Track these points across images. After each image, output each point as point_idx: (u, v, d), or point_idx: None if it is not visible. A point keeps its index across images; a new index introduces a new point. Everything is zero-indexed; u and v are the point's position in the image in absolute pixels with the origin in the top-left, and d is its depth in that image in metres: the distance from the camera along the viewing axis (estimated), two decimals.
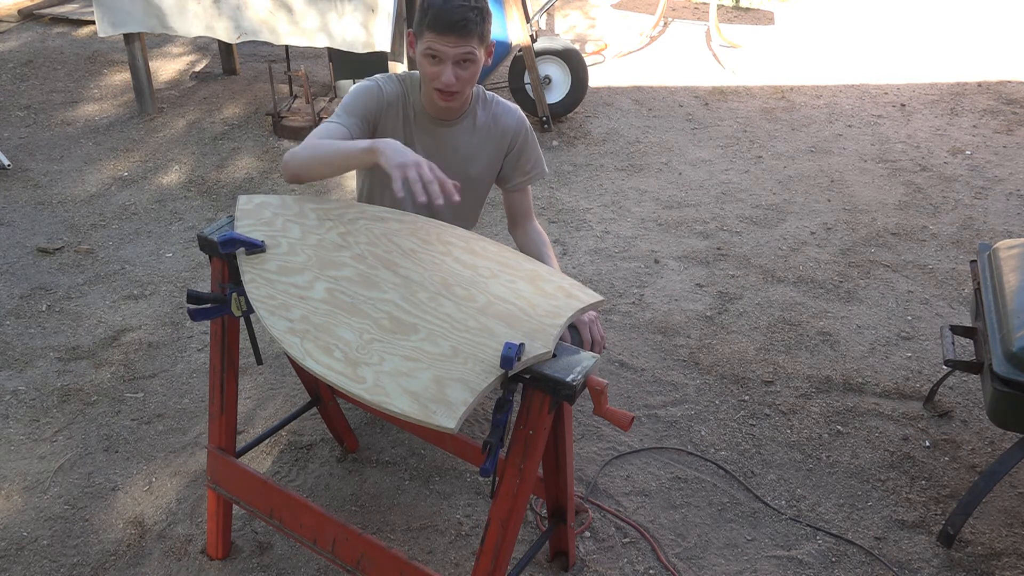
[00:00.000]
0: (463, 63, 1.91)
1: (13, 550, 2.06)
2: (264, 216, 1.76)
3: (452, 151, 2.11)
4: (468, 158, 2.14)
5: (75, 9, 6.33)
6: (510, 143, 2.16)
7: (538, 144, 2.24)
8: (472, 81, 1.97)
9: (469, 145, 2.12)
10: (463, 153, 2.13)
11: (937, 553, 2.09)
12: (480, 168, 2.17)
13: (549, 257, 2.20)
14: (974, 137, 4.58)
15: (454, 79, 1.91)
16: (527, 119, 2.20)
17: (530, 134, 2.19)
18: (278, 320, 1.51)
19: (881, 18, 6.70)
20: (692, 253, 3.44)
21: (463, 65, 1.92)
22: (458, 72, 1.92)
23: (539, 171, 2.24)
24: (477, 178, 2.18)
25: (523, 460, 1.49)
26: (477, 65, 1.94)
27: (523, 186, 2.24)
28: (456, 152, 2.12)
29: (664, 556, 2.07)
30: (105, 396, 2.59)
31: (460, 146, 2.12)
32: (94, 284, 3.18)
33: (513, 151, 2.18)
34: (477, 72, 1.96)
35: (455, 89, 1.94)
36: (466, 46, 1.88)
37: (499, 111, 2.15)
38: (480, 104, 2.13)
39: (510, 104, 2.18)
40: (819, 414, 2.56)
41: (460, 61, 1.91)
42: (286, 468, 2.32)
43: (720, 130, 4.68)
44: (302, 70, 4.36)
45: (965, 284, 3.23)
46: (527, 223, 2.28)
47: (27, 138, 4.42)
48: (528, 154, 2.20)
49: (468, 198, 2.20)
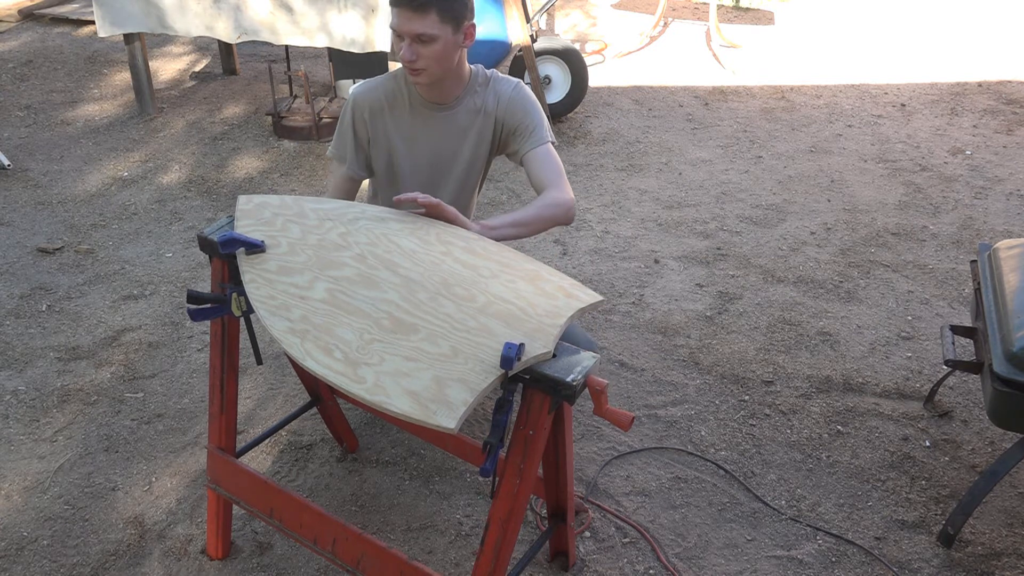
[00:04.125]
0: (422, 41, 1.88)
1: (13, 550, 2.06)
2: (264, 216, 1.76)
3: (452, 134, 2.11)
4: (467, 141, 2.13)
5: (75, 9, 6.32)
6: (504, 112, 2.10)
7: (539, 109, 2.11)
8: (442, 61, 1.93)
9: (469, 127, 2.12)
10: (462, 136, 2.12)
11: (937, 553, 2.09)
12: (484, 147, 2.15)
13: (533, 205, 1.98)
14: (974, 137, 4.58)
15: (411, 55, 1.89)
16: (526, 87, 2.12)
17: (528, 100, 2.10)
18: (278, 320, 1.51)
19: (881, 18, 6.70)
20: (692, 253, 3.44)
21: (423, 42, 1.88)
22: (418, 49, 1.89)
23: (541, 135, 2.08)
24: (477, 160, 2.17)
25: (523, 460, 1.49)
26: (440, 44, 1.90)
27: (529, 150, 2.07)
28: (456, 135, 2.11)
29: (664, 556, 2.07)
30: (105, 396, 2.59)
31: (459, 129, 2.11)
32: (94, 284, 3.17)
33: (509, 119, 2.10)
34: (444, 52, 1.92)
35: (418, 66, 1.92)
36: (420, 21, 1.85)
37: (499, 88, 2.11)
38: (479, 84, 2.10)
39: (508, 78, 2.14)
40: (819, 414, 2.56)
41: (417, 37, 1.87)
42: (286, 468, 2.32)
43: (720, 130, 4.68)
44: (302, 70, 4.36)
45: (965, 284, 3.23)
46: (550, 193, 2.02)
47: (27, 138, 4.41)
48: (527, 120, 2.08)
49: (474, 179, 2.21)
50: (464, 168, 2.18)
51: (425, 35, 1.87)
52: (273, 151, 4.31)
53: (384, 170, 2.19)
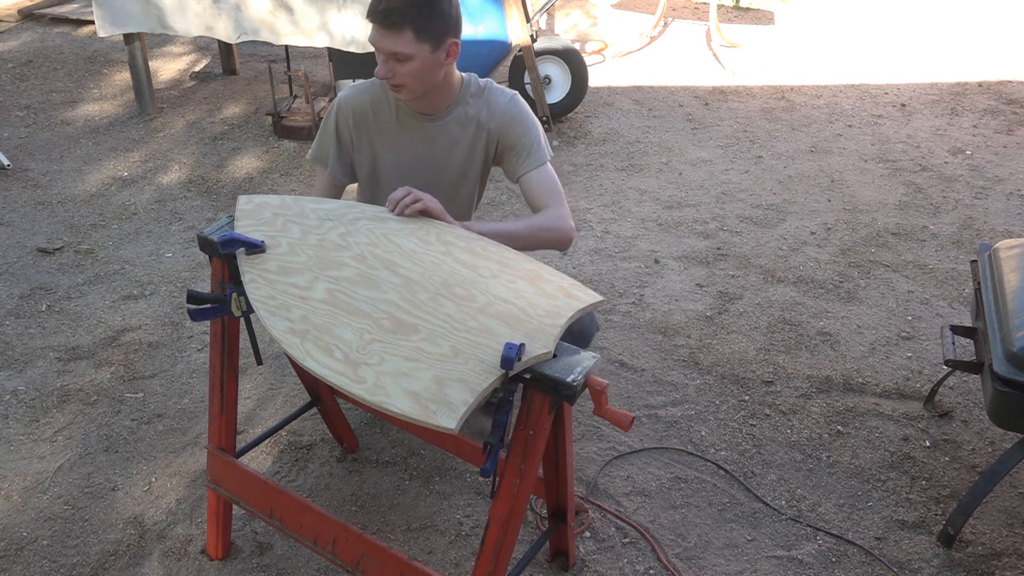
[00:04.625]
0: (398, 59, 1.84)
1: (13, 550, 2.06)
2: (264, 216, 1.76)
3: (442, 145, 2.06)
4: (457, 151, 2.07)
5: (75, 9, 6.32)
6: (500, 127, 2.03)
7: (536, 124, 2.04)
8: (420, 79, 1.88)
9: (461, 138, 2.05)
10: (452, 147, 2.06)
11: (937, 553, 2.09)
12: (477, 159, 2.08)
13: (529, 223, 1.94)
14: (974, 137, 4.58)
15: (386, 72, 1.86)
16: (522, 100, 2.05)
17: (524, 115, 2.03)
18: (278, 320, 1.50)
19: (881, 18, 6.70)
20: (692, 253, 3.44)
21: (399, 60, 1.84)
22: (394, 66, 1.85)
23: (539, 156, 2.02)
24: (470, 170, 2.10)
25: (523, 460, 1.49)
26: (417, 63, 1.84)
27: (526, 172, 2.02)
28: (446, 146, 2.06)
29: (664, 556, 2.07)
30: (105, 396, 2.59)
31: (449, 139, 2.05)
32: (94, 284, 3.17)
33: (505, 136, 2.03)
34: (422, 70, 1.86)
35: (395, 82, 1.88)
36: (394, 39, 1.81)
37: (493, 99, 2.04)
38: (471, 94, 2.04)
39: (504, 89, 2.06)
40: (819, 414, 2.55)
41: (392, 55, 1.83)
42: (286, 468, 2.32)
43: (720, 130, 4.68)
44: (302, 70, 4.36)
45: (965, 284, 3.23)
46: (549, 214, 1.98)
47: (27, 138, 4.41)
48: (523, 139, 2.02)
49: (467, 189, 2.14)
50: (454, 180, 2.11)
51: (400, 54, 1.82)
52: (273, 151, 4.31)
53: (368, 178, 2.14)
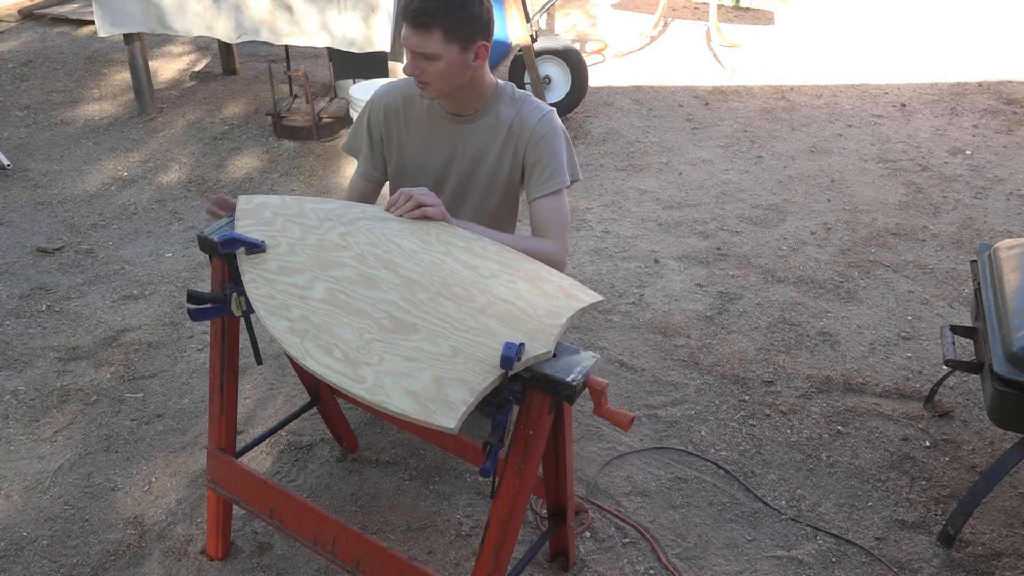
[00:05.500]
0: (426, 58, 1.87)
1: (13, 550, 2.06)
2: (264, 216, 1.76)
3: (470, 149, 2.07)
4: (486, 157, 2.07)
5: (75, 9, 6.33)
6: (527, 143, 2.02)
7: (566, 150, 2.03)
8: (447, 78, 1.90)
9: (489, 144, 2.05)
10: (481, 152, 2.06)
11: (937, 553, 2.09)
12: (504, 168, 2.07)
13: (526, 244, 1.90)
14: (974, 137, 4.58)
15: (413, 69, 1.89)
16: (556, 119, 2.03)
17: (552, 136, 2.01)
18: (278, 320, 1.50)
19: (881, 18, 6.70)
20: (692, 253, 3.44)
21: (427, 59, 1.87)
22: (422, 64, 1.88)
23: (557, 180, 2.00)
24: (498, 179, 2.09)
25: (523, 460, 1.49)
26: (444, 62, 1.87)
27: (538, 197, 2.01)
28: (474, 150, 2.07)
29: (664, 556, 2.07)
30: (105, 396, 2.59)
31: (478, 144, 2.06)
32: (94, 284, 3.17)
33: (530, 154, 2.02)
34: (449, 70, 1.88)
35: (422, 80, 1.91)
36: (423, 39, 1.84)
37: (526, 110, 2.03)
38: (505, 101, 2.04)
39: (540, 103, 2.05)
40: (819, 414, 2.55)
41: (420, 54, 1.87)
42: (286, 468, 2.32)
43: (720, 130, 4.68)
44: (302, 70, 4.36)
45: (965, 284, 3.23)
46: (546, 244, 1.97)
47: (27, 138, 4.41)
48: (545, 160, 2.00)
49: (495, 200, 2.13)
50: (484, 186, 2.10)
51: (428, 53, 1.85)
52: (273, 151, 4.31)
53: (395, 176, 2.16)
